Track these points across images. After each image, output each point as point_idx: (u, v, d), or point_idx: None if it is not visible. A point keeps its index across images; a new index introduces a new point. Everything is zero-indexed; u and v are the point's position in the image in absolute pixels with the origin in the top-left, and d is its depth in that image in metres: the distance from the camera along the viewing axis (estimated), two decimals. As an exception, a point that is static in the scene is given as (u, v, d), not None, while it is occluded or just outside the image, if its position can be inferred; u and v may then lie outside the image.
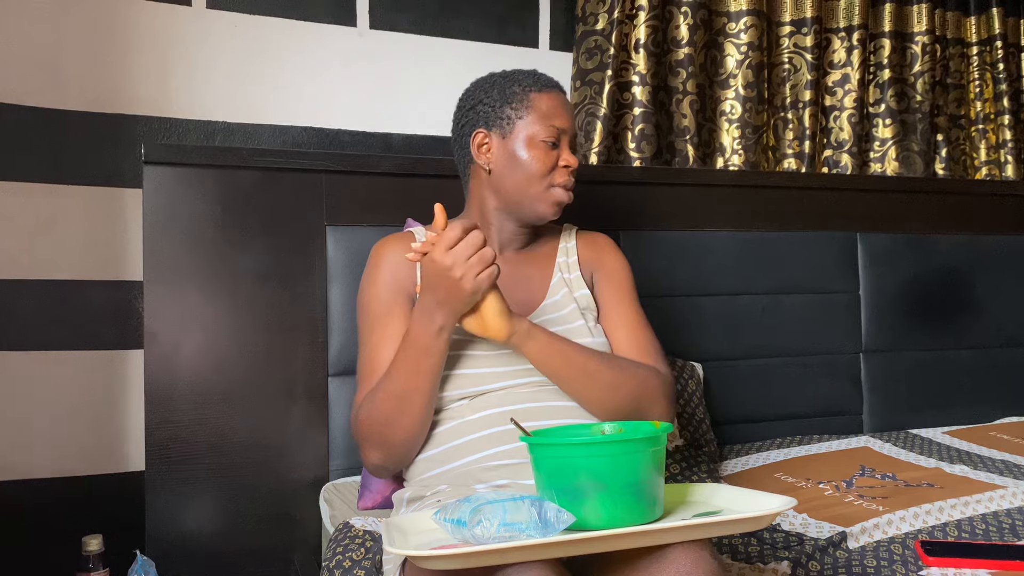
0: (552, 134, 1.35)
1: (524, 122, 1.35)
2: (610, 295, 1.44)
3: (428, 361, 1.20)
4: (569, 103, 1.41)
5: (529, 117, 1.35)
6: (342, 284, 1.71)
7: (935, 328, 2.32)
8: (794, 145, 2.39)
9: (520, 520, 0.90)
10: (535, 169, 1.34)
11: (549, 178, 1.35)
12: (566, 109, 1.38)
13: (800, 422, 2.16)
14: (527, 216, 1.38)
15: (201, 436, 1.62)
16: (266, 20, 1.96)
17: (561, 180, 1.35)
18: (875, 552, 1.33)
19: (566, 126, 1.36)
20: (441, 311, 1.17)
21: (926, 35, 2.50)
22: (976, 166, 2.64)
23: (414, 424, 1.24)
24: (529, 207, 1.36)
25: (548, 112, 1.35)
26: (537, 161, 1.34)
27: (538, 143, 1.34)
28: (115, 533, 1.60)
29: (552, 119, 1.35)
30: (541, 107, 1.36)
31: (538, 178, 1.35)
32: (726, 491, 1.09)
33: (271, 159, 1.71)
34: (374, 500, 1.53)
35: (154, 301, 1.61)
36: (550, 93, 1.38)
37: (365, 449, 1.28)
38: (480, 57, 2.12)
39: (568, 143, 1.37)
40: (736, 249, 2.12)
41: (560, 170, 1.36)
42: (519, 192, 1.36)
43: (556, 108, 1.36)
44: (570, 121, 1.38)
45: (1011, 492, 1.58)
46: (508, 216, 1.40)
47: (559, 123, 1.35)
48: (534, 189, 1.35)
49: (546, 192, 1.35)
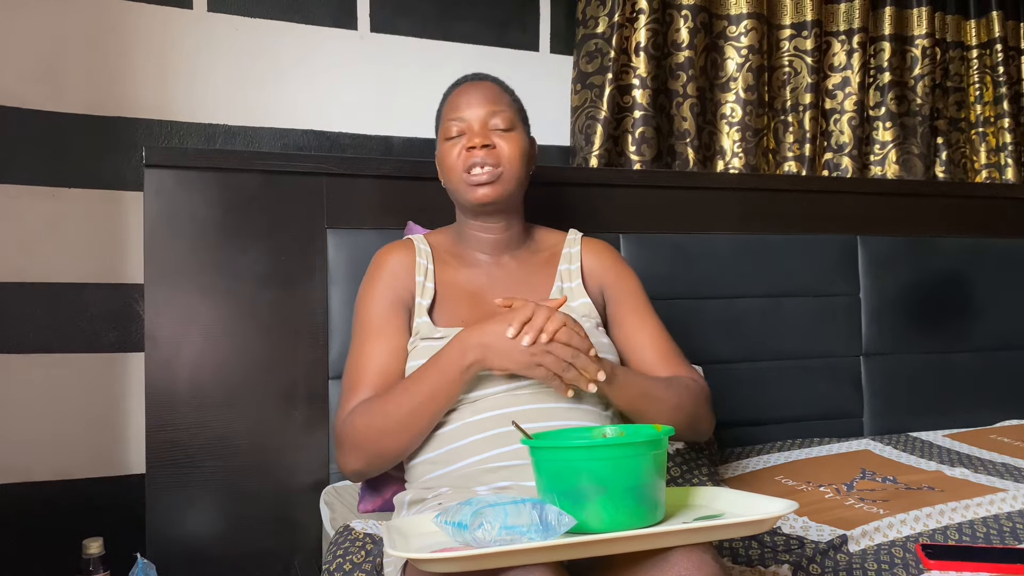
0: (455, 127, 1.40)
1: (440, 129, 1.44)
2: (629, 309, 1.47)
3: (447, 390, 1.23)
4: (485, 89, 1.43)
5: (442, 123, 1.43)
6: (343, 287, 1.71)
7: (936, 331, 2.32)
8: (794, 148, 2.39)
9: (521, 523, 0.90)
10: (445, 163, 1.41)
11: (460, 163, 1.39)
12: (472, 97, 1.41)
13: (800, 425, 2.16)
14: (471, 207, 1.41)
15: (202, 439, 1.62)
16: (267, 23, 1.96)
17: (469, 162, 1.38)
18: (876, 555, 1.33)
19: (466, 114, 1.40)
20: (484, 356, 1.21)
21: (926, 38, 2.50)
22: (976, 169, 2.65)
23: (412, 443, 1.28)
24: (463, 199, 1.41)
25: (451, 108, 1.42)
26: (445, 156, 1.41)
27: (445, 141, 1.41)
28: (116, 536, 1.59)
29: (452, 113, 1.41)
30: (447, 108, 1.43)
31: (454, 169, 1.40)
32: (727, 494, 1.09)
33: (272, 162, 1.71)
34: (375, 503, 1.53)
35: (155, 304, 1.62)
36: (457, 90, 1.44)
37: (347, 454, 1.30)
38: (481, 60, 2.12)
39: (478, 126, 1.39)
40: (736, 252, 2.12)
41: (464, 154, 1.38)
42: (451, 189, 1.43)
43: (458, 102, 1.42)
44: (476, 106, 1.40)
45: (1012, 495, 1.58)
46: (472, 217, 1.44)
47: (459, 114, 1.40)
48: (455, 181, 1.40)
49: (465, 180, 1.39)
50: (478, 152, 1.37)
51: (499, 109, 1.41)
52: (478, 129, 1.39)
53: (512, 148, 1.39)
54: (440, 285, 1.41)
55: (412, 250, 1.44)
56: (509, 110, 1.42)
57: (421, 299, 1.38)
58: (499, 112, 1.40)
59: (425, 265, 1.42)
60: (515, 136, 1.41)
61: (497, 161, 1.38)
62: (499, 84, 1.47)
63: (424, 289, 1.39)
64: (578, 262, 1.46)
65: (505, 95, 1.45)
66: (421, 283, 1.40)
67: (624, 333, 1.45)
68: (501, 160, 1.38)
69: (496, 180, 1.38)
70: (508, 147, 1.39)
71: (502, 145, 1.38)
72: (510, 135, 1.40)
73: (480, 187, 1.38)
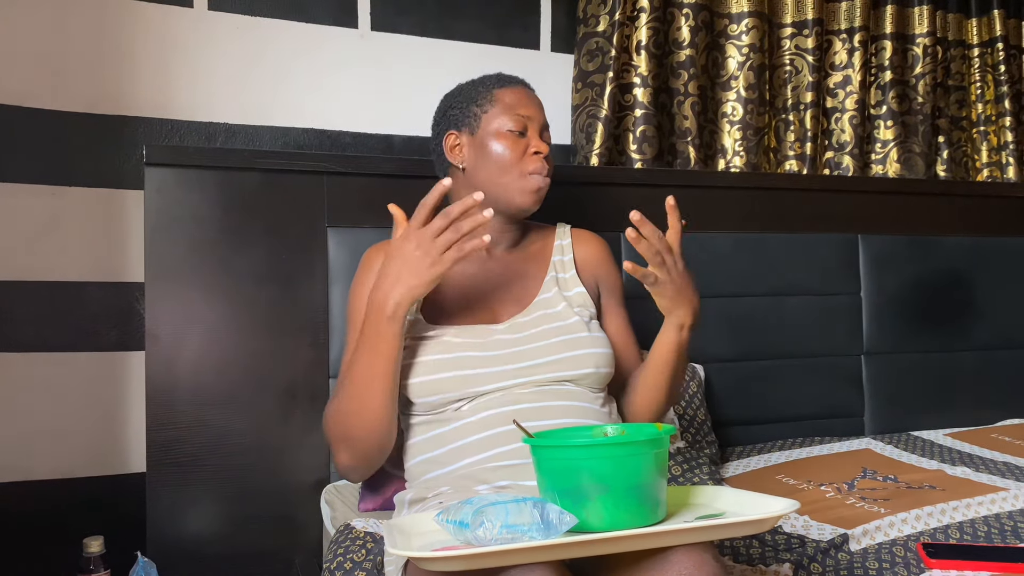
0: (518, 123, 1.37)
1: (490, 115, 1.38)
2: (617, 302, 1.50)
3: (385, 343, 1.20)
4: (536, 97, 1.43)
5: (494, 110, 1.38)
6: (343, 285, 1.70)
7: (937, 330, 2.32)
8: (795, 147, 2.39)
9: (522, 522, 0.90)
10: (506, 158, 1.36)
11: (520, 166, 1.36)
12: (532, 100, 1.41)
13: (801, 424, 2.16)
14: (507, 208, 1.38)
15: (202, 437, 1.62)
16: (268, 22, 1.96)
17: (533, 166, 1.36)
18: (877, 554, 1.33)
19: (532, 114, 1.38)
20: (393, 285, 1.19)
21: (927, 37, 2.50)
22: (977, 168, 2.64)
23: (376, 418, 1.22)
24: (506, 198, 1.37)
25: (512, 103, 1.38)
26: (506, 150, 1.36)
27: (505, 133, 1.37)
28: (116, 535, 1.60)
29: (517, 108, 1.38)
30: (505, 99, 1.39)
31: (509, 166, 1.36)
32: (728, 494, 1.09)
33: (272, 161, 1.71)
34: (375, 502, 1.53)
35: (155, 303, 1.62)
36: (513, 87, 1.41)
37: (334, 450, 1.29)
38: (481, 59, 2.12)
39: (537, 132, 1.39)
40: (737, 251, 2.12)
41: (531, 156, 1.37)
42: (494, 184, 1.37)
43: (520, 99, 1.39)
44: (537, 111, 1.40)
45: (1013, 494, 1.58)
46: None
47: (524, 111, 1.38)
48: (507, 178, 1.36)
49: (520, 180, 1.36)
50: (542, 160, 1.37)
51: (548, 123, 1.42)
52: (540, 136, 1.39)
53: (551, 164, 1.41)
54: None
55: None
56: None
57: None
58: (548, 127, 1.42)
59: None
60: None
61: (550, 171, 1.39)
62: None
63: None
64: (570, 253, 1.47)
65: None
66: None
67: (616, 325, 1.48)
68: (549, 173, 1.39)
69: (545, 190, 1.39)
70: (550, 162, 1.40)
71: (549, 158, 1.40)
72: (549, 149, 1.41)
73: (540, 189, 1.37)
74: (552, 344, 1.31)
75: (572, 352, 1.31)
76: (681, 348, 1.33)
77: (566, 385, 1.30)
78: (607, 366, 1.34)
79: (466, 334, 1.31)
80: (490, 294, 1.39)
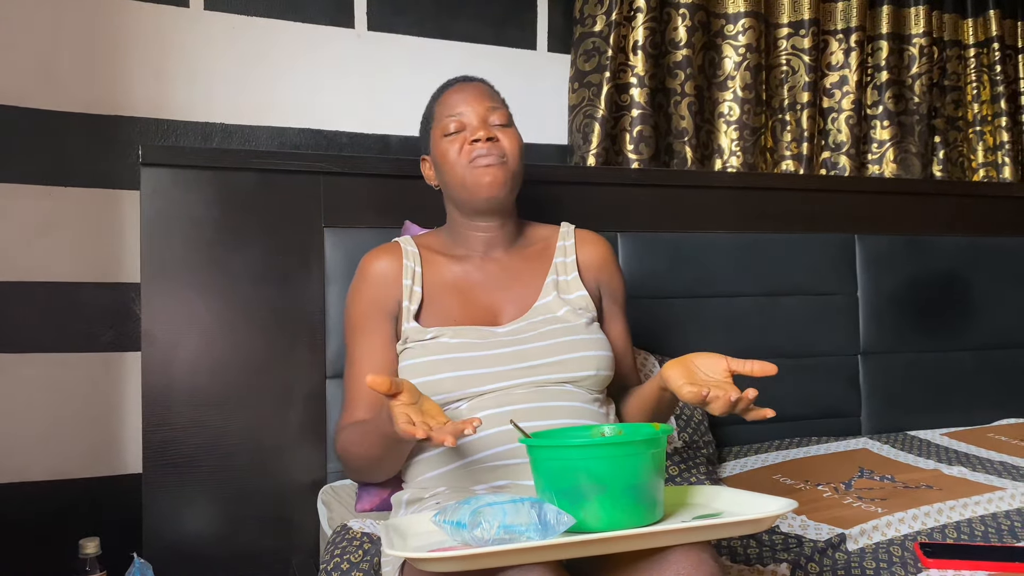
0: (453, 123, 1.39)
1: (434, 130, 1.42)
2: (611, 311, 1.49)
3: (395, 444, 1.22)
4: (473, 86, 1.43)
5: (436, 123, 1.42)
6: (340, 286, 1.70)
7: (933, 330, 2.32)
8: (792, 147, 2.39)
9: (520, 522, 0.90)
10: (450, 159, 1.38)
11: (462, 159, 1.37)
12: (465, 94, 1.42)
13: (798, 424, 2.16)
14: (473, 203, 1.39)
15: (199, 438, 1.62)
16: (264, 22, 1.96)
17: (473, 154, 1.36)
18: (874, 554, 1.33)
19: (464, 108, 1.40)
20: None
21: (924, 37, 2.50)
22: (974, 168, 2.65)
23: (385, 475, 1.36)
24: (466, 196, 1.39)
25: (445, 108, 1.41)
26: (448, 151, 1.38)
27: (444, 139, 1.40)
28: (112, 536, 1.59)
29: (449, 111, 1.40)
30: (442, 108, 1.42)
31: (455, 164, 1.38)
32: (726, 493, 1.09)
33: (269, 161, 1.71)
34: (372, 502, 1.53)
35: (151, 303, 1.61)
36: (450, 90, 1.44)
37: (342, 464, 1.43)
38: (478, 59, 2.12)
39: (478, 121, 1.39)
40: (734, 251, 2.12)
41: (467, 147, 1.37)
42: (454, 188, 1.40)
43: (452, 100, 1.41)
44: (473, 101, 1.40)
45: (1010, 494, 1.58)
46: (469, 216, 1.42)
47: (457, 110, 1.40)
48: (458, 177, 1.38)
49: (470, 173, 1.37)
50: (482, 144, 1.36)
51: (496, 106, 1.42)
52: (478, 124, 1.39)
53: (512, 142, 1.39)
54: (428, 285, 1.40)
55: (398, 254, 1.42)
56: (504, 107, 1.43)
57: (408, 303, 1.37)
58: (496, 109, 1.41)
59: (412, 268, 1.41)
60: (513, 132, 1.41)
61: (502, 152, 1.38)
62: (490, 85, 1.48)
63: (412, 293, 1.38)
64: (573, 255, 1.46)
65: (497, 94, 1.46)
66: (408, 287, 1.39)
67: (616, 331, 1.48)
68: (505, 152, 1.38)
69: (503, 164, 1.37)
70: (508, 141, 1.39)
71: (503, 139, 1.38)
72: (509, 130, 1.40)
73: (488, 170, 1.36)
74: (552, 345, 1.31)
75: (573, 354, 1.31)
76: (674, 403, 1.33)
77: (565, 386, 1.30)
78: (607, 369, 1.34)
79: (464, 335, 1.31)
80: (489, 296, 1.39)
